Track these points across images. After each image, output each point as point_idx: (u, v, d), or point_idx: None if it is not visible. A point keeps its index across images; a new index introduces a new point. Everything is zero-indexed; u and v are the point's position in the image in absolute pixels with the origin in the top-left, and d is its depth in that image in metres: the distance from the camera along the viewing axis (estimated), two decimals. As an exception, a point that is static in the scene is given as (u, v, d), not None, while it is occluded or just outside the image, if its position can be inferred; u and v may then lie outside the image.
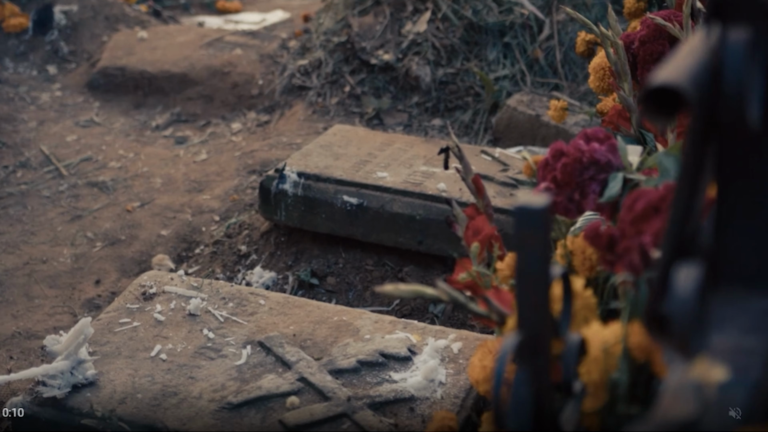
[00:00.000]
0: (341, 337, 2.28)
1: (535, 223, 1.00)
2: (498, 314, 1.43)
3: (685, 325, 0.80)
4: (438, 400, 2.09)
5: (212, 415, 2.07)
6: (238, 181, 3.67)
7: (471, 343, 2.24)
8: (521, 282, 1.02)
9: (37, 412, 2.12)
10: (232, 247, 3.25)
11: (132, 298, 2.43)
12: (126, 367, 2.20)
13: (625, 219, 1.29)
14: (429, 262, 2.99)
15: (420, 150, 3.24)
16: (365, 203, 2.97)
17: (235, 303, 2.41)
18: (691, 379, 0.81)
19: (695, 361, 0.83)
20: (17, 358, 2.83)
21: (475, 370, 1.67)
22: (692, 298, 0.81)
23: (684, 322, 0.81)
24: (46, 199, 3.64)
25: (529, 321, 1.02)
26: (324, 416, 2.05)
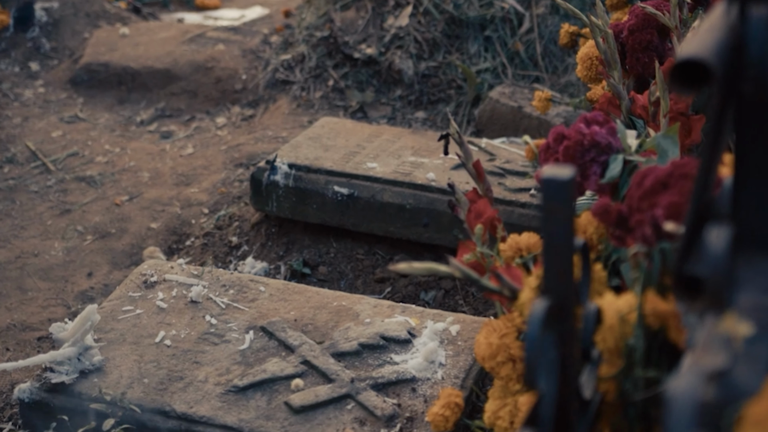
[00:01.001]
0: (342, 322, 2.33)
1: (561, 194, 1.05)
2: (509, 289, 1.49)
3: (719, 282, 0.86)
4: (439, 380, 2.15)
5: (219, 398, 2.12)
6: (226, 175, 3.71)
7: (468, 325, 2.30)
8: (548, 251, 1.08)
9: (45, 397, 2.16)
10: (222, 238, 3.29)
11: (133, 286, 2.47)
12: (131, 353, 2.24)
13: (634, 195, 1.35)
14: (419, 250, 3.05)
15: (407, 141, 3.30)
16: (356, 193, 3.03)
17: (235, 290, 2.45)
18: (721, 333, 0.87)
19: (723, 316, 0.89)
20: (13, 349, 2.86)
21: (481, 347, 1.73)
22: (724, 257, 0.87)
23: (717, 280, 0.86)
24: (34, 194, 3.66)
25: (556, 288, 1.08)
26: (328, 397, 2.11)
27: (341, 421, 2.05)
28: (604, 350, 1.27)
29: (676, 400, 0.79)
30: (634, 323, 1.23)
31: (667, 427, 0.79)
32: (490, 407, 1.74)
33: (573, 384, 1.12)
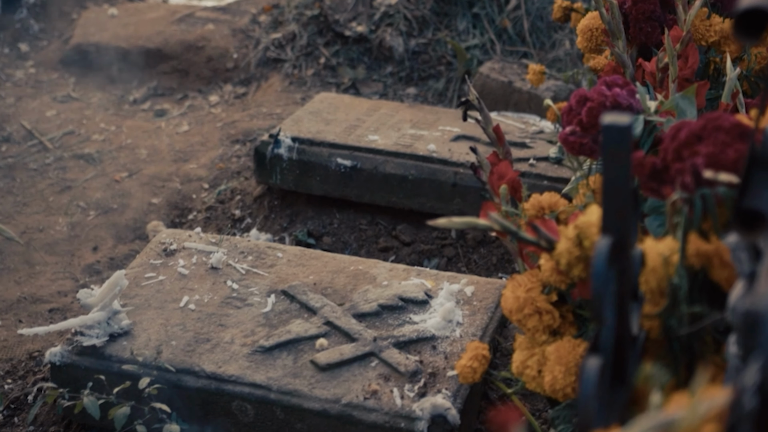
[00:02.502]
0: (360, 285, 2.41)
1: (620, 139, 1.14)
2: (546, 240, 1.57)
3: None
4: (457, 338, 2.24)
5: (246, 358, 2.19)
6: (223, 151, 3.78)
7: (482, 286, 2.39)
8: (607, 192, 1.17)
9: (76, 360, 2.22)
10: (225, 212, 3.36)
11: (154, 254, 2.54)
12: (157, 317, 2.32)
13: (669, 148, 1.44)
14: (420, 219, 3.13)
15: (406, 114, 3.38)
16: (359, 165, 3.10)
17: (254, 256, 2.53)
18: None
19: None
20: (25, 321, 2.92)
21: (508, 301, 1.82)
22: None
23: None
24: (33, 172, 3.71)
25: (615, 226, 1.17)
26: (353, 355, 2.19)
27: (366, 378, 2.13)
28: (647, 291, 1.36)
29: (765, 315, 0.87)
30: (677, 264, 1.33)
31: (763, 341, 0.87)
32: (518, 357, 1.83)
33: (628, 316, 1.21)
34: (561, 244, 1.55)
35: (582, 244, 1.49)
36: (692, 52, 2.20)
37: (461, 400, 2.09)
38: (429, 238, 3.09)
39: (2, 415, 2.41)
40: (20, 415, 2.40)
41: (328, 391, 2.11)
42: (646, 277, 1.36)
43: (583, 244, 1.48)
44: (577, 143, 1.84)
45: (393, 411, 2.06)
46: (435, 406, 2.05)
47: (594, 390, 1.07)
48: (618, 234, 1.16)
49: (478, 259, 3.01)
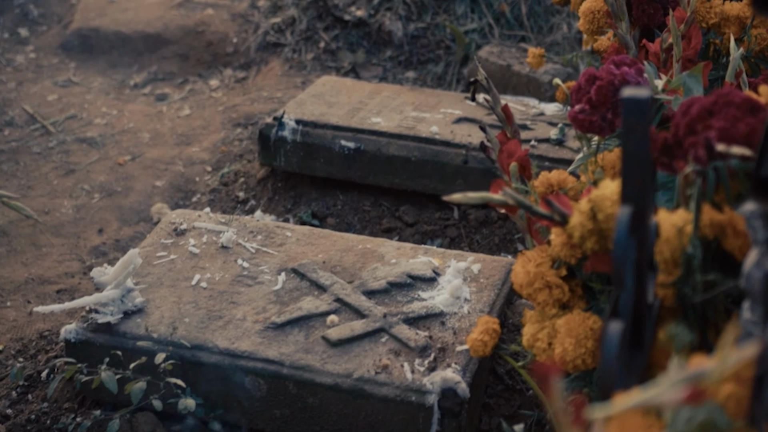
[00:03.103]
0: (368, 263, 2.46)
1: (640, 112, 1.18)
2: (560, 214, 1.62)
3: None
4: (465, 314, 2.28)
5: (259, 334, 2.24)
6: (225, 134, 3.81)
7: (489, 264, 2.44)
8: (627, 163, 1.21)
9: (90, 337, 2.26)
10: (229, 194, 3.40)
11: (164, 234, 2.57)
12: (170, 295, 2.35)
13: (681, 123, 1.49)
14: (423, 201, 3.18)
15: (407, 97, 3.42)
16: (362, 147, 3.15)
17: (263, 236, 2.57)
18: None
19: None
20: (33, 302, 2.95)
21: (518, 276, 1.86)
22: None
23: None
24: (37, 155, 3.74)
25: (635, 196, 1.21)
26: (364, 331, 2.23)
27: (377, 353, 2.18)
28: (661, 261, 1.40)
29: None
30: (690, 235, 1.37)
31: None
32: (529, 330, 1.87)
33: (645, 284, 1.26)
34: (574, 218, 1.59)
35: (596, 218, 1.53)
36: (695, 32, 2.25)
37: (470, 374, 2.14)
38: (432, 218, 3.13)
39: (16, 393, 2.44)
40: (34, 393, 2.44)
41: (339, 366, 2.15)
42: (660, 248, 1.41)
43: (597, 218, 1.53)
44: (587, 121, 1.88)
45: (404, 385, 2.10)
46: (445, 380, 2.09)
47: (616, 352, 1.11)
48: (637, 204, 1.21)
49: (480, 239, 3.06)
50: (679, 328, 1.13)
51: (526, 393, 2.31)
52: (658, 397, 0.85)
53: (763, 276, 1.15)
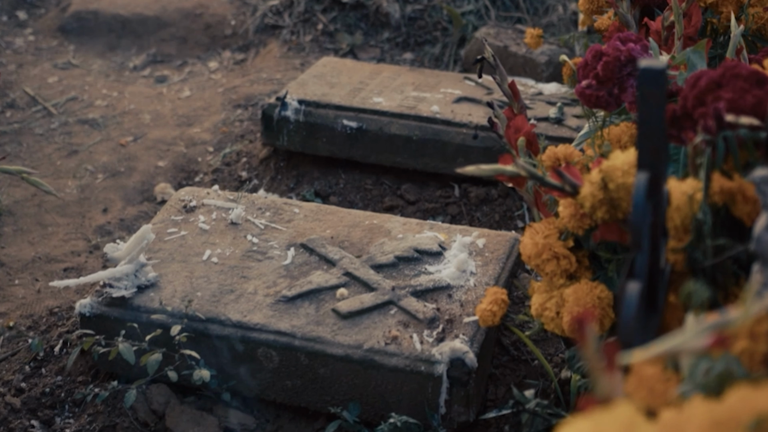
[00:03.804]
0: (375, 238, 2.51)
1: (656, 81, 1.24)
2: (570, 185, 1.67)
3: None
4: (471, 287, 2.34)
5: (270, 307, 2.29)
6: (225, 115, 3.85)
7: (493, 239, 2.49)
8: (643, 131, 1.27)
9: (105, 311, 2.31)
10: (231, 173, 3.44)
11: (174, 210, 2.62)
12: (182, 270, 2.40)
13: (689, 95, 1.54)
14: (425, 179, 3.23)
15: (408, 78, 3.47)
16: (364, 126, 3.20)
17: (271, 212, 2.62)
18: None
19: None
20: (41, 280, 3.00)
21: (527, 247, 1.92)
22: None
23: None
24: (39, 137, 3.77)
25: (650, 163, 1.27)
26: (373, 304, 2.29)
27: (386, 325, 2.23)
28: (671, 227, 1.46)
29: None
30: (701, 202, 1.43)
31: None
32: (537, 300, 1.93)
33: (660, 247, 1.31)
34: (585, 188, 1.65)
35: (607, 188, 1.59)
36: (695, 11, 2.30)
37: (478, 344, 2.20)
38: (433, 196, 3.19)
39: (29, 368, 2.49)
40: (47, 367, 2.49)
41: (350, 337, 2.21)
42: (670, 215, 1.46)
43: (608, 187, 1.58)
44: (594, 96, 1.94)
45: (413, 355, 2.16)
46: (453, 350, 2.15)
47: (635, 311, 1.17)
48: (653, 170, 1.26)
49: (481, 216, 3.11)
50: (697, 285, 1.19)
51: (531, 363, 2.37)
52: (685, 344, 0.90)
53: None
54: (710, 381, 1.06)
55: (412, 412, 2.16)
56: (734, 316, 0.88)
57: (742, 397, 0.90)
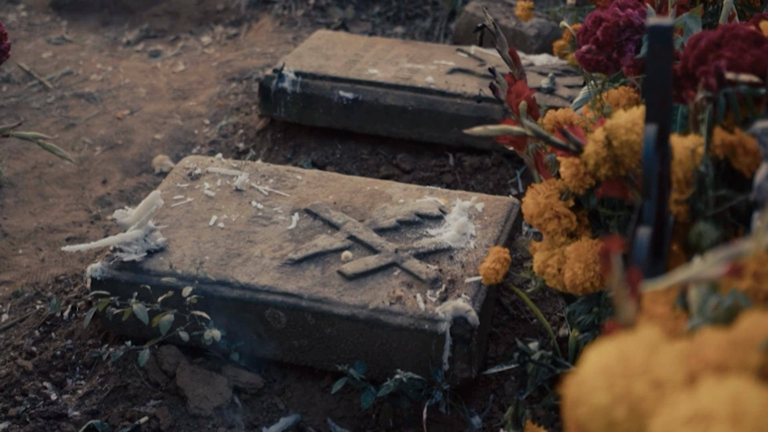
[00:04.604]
0: (377, 203, 2.58)
1: (664, 39, 1.31)
2: (575, 144, 1.74)
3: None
4: (472, 249, 2.41)
5: (277, 270, 2.35)
6: (220, 89, 3.91)
7: (491, 203, 2.57)
8: (651, 86, 1.34)
9: (116, 275, 2.37)
10: (229, 145, 3.50)
11: (179, 178, 2.68)
12: (189, 235, 2.47)
13: (690, 56, 1.62)
14: (420, 149, 3.30)
15: (401, 50, 3.54)
16: (360, 97, 3.26)
17: (275, 179, 2.68)
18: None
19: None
20: (44, 249, 3.05)
21: (529, 207, 2.00)
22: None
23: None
24: (36, 110, 3.82)
25: (658, 116, 1.34)
26: (377, 265, 2.36)
27: (390, 285, 2.30)
28: (674, 181, 1.53)
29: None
30: (702, 155, 1.50)
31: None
32: (539, 258, 2.00)
33: (666, 197, 1.39)
34: (589, 147, 1.72)
35: (610, 145, 1.66)
36: (688, -20, 2.37)
37: (479, 303, 2.27)
38: (428, 166, 3.26)
39: (39, 332, 2.55)
40: (56, 331, 2.55)
41: (355, 297, 2.28)
42: (673, 168, 1.54)
43: (612, 145, 1.65)
44: (593, 60, 2.01)
45: (417, 314, 2.23)
46: (456, 309, 2.22)
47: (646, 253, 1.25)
48: (660, 123, 1.33)
49: (475, 184, 3.18)
50: (706, 225, 1.27)
51: (530, 322, 2.45)
52: (702, 273, 0.97)
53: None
54: (719, 315, 1.13)
55: (416, 370, 2.23)
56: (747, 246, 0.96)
57: (755, 321, 0.97)
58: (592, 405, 0.92)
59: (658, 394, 0.91)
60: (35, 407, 2.32)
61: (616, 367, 0.93)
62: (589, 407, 0.93)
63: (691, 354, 0.95)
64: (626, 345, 0.94)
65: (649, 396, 0.91)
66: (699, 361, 0.94)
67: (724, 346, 0.94)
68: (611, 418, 0.92)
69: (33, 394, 2.36)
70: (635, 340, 0.94)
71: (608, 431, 0.93)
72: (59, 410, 2.31)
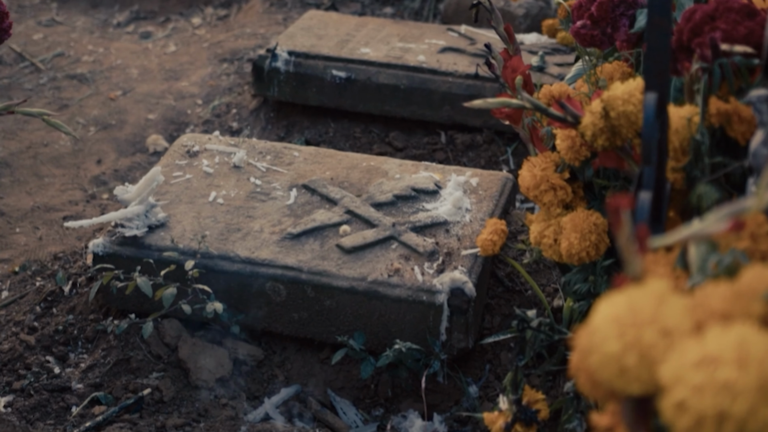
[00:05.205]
0: (374, 179, 2.62)
1: (663, 9, 1.36)
2: (572, 116, 1.79)
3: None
4: (467, 222, 2.46)
5: (276, 244, 2.40)
6: (212, 69, 3.94)
7: (486, 178, 2.62)
8: (651, 55, 1.39)
9: (118, 250, 2.41)
10: (222, 124, 3.54)
11: (178, 155, 2.72)
12: (189, 210, 2.51)
13: (685, 28, 1.67)
14: (412, 127, 3.35)
15: (392, 30, 3.58)
16: (353, 76, 3.30)
17: (272, 156, 2.72)
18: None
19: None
20: (41, 228, 3.09)
21: (525, 179, 2.04)
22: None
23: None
24: (29, 91, 3.84)
25: (656, 85, 1.39)
26: (375, 239, 2.40)
27: (388, 258, 2.35)
28: (670, 150, 1.59)
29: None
30: (698, 124, 1.56)
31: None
32: (536, 228, 2.06)
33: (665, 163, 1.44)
34: (586, 118, 1.77)
35: (608, 116, 1.71)
36: (678, -43, 2.42)
37: (476, 275, 2.32)
38: (420, 143, 3.30)
39: (40, 308, 2.59)
40: (57, 306, 2.58)
41: (354, 270, 2.32)
42: (670, 137, 1.59)
43: (609, 116, 1.70)
44: (588, 35, 2.06)
45: (415, 286, 2.28)
46: (453, 280, 2.27)
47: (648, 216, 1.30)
48: (659, 92, 1.38)
49: (467, 162, 3.23)
50: (707, 187, 1.32)
51: (524, 294, 2.50)
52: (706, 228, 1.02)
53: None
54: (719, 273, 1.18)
55: (414, 340, 2.28)
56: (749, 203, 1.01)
57: (756, 273, 1.03)
58: (604, 353, 0.97)
59: (666, 341, 0.96)
60: (39, 380, 2.36)
61: (626, 317, 0.98)
62: (602, 355, 0.98)
63: (696, 305, 1.00)
64: (635, 296, 0.99)
65: (658, 344, 0.96)
66: (704, 311, 0.99)
67: (729, 296, 0.99)
68: (622, 365, 0.97)
69: (36, 367, 2.39)
70: (644, 292, 0.99)
71: (619, 378, 0.98)
72: (63, 383, 2.35)
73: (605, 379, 0.99)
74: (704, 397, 0.89)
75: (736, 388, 0.88)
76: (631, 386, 0.98)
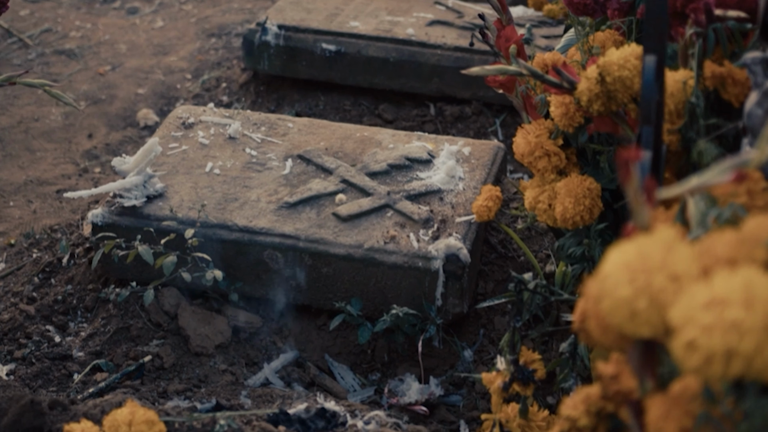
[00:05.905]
0: (368, 149, 2.66)
1: (661, -25, 1.40)
2: (568, 82, 1.84)
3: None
4: (461, 191, 2.51)
5: (273, 213, 2.44)
6: (200, 44, 3.97)
7: (478, 147, 2.66)
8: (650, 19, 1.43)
9: (116, 220, 2.44)
10: (212, 98, 3.57)
11: (173, 127, 2.75)
12: (186, 181, 2.54)
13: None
14: (401, 99, 3.39)
15: (380, 3, 3.61)
16: (343, 49, 3.34)
17: (266, 127, 2.76)
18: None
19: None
20: (35, 201, 3.11)
21: (519, 146, 2.09)
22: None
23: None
24: (18, 67, 3.86)
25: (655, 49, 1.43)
26: (370, 207, 2.45)
27: (384, 226, 2.40)
28: (666, 113, 1.63)
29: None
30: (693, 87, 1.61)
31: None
32: (530, 194, 2.10)
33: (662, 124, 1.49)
34: (582, 84, 1.82)
35: (603, 81, 1.76)
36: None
37: (470, 241, 2.37)
38: (410, 115, 3.34)
39: (38, 279, 2.62)
40: (56, 277, 2.61)
41: (351, 238, 2.37)
42: (665, 101, 1.64)
43: (605, 81, 1.75)
44: (581, 4, 2.11)
45: (411, 252, 2.33)
46: (449, 247, 2.32)
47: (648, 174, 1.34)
48: (657, 55, 1.43)
49: (456, 133, 3.28)
50: (707, 144, 1.37)
51: (517, 260, 2.55)
52: (710, 180, 1.07)
53: (763, 113, 1.39)
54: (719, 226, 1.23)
55: (410, 306, 2.32)
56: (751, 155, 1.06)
57: (759, 222, 1.08)
58: (616, 298, 1.02)
59: (675, 286, 1.01)
60: (40, 349, 2.39)
61: (636, 264, 1.03)
62: (613, 300, 1.03)
63: (703, 252, 1.05)
64: (644, 244, 1.04)
65: (667, 288, 1.01)
66: (711, 257, 1.04)
67: (733, 243, 1.04)
68: (633, 309, 1.02)
69: (37, 336, 2.43)
70: (653, 240, 1.04)
71: (630, 321, 1.03)
72: (64, 351, 2.38)
73: (616, 323, 1.04)
74: (713, 336, 0.94)
75: (743, 327, 0.93)
76: (641, 329, 1.03)
